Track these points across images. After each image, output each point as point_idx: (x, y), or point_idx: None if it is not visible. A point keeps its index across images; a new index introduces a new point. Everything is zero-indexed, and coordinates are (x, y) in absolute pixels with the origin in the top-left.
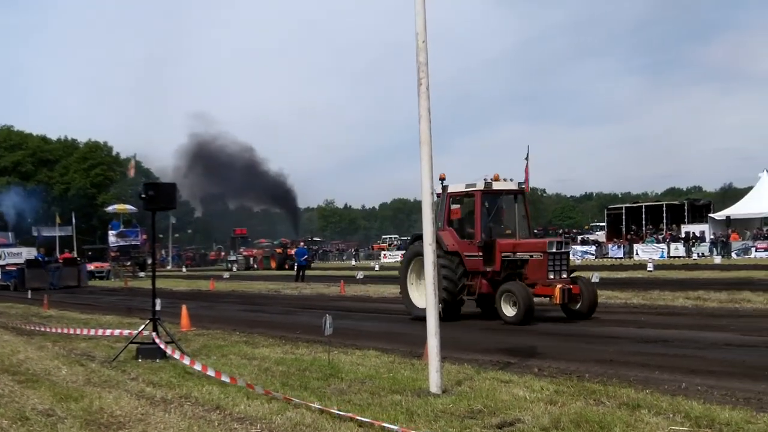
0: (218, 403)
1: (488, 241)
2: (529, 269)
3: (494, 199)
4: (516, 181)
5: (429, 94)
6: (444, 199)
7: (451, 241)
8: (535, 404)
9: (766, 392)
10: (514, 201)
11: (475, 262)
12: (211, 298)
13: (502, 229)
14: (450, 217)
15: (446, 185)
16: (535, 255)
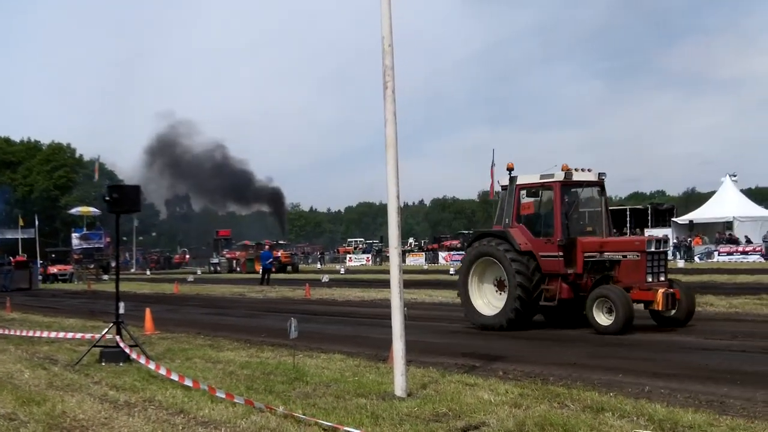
0: (182, 407)
1: (570, 240)
2: (621, 271)
3: (572, 192)
4: (595, 171)
5: (395, 98)
6: (512, 192)
7: (524, 239)
8: (499, 407)
9: (728, 395)
10: (592, 194)
11: (552, 263)
12: (176, 301)
13: (581, 226)
14: (519, 212)
15: (514, 176)
16: (629, 255)
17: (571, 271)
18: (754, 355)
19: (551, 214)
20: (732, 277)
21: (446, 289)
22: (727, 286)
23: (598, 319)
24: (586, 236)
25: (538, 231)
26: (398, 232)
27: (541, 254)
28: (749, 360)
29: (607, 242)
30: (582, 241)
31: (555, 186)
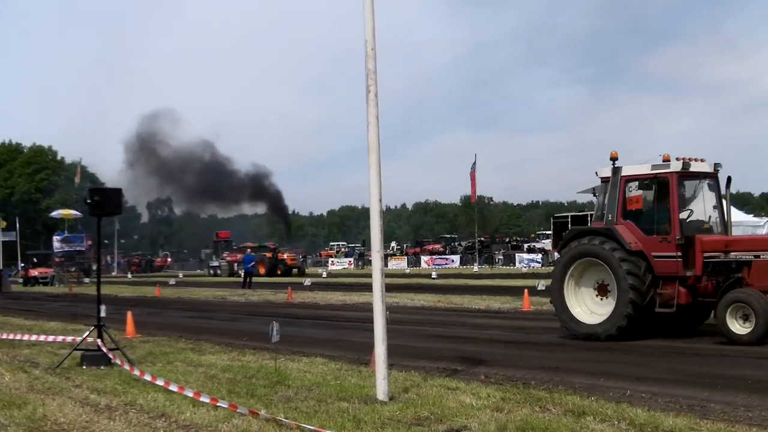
0: (163, 410)
1: (688, 238)
2: (754, 274)
3: (687, 185)
4: (710, 162)
5: (378, 102)
6: (616, 185)
7: (633, 237)
8: (481, 411)
9: (709, 399)
10: (708, 187)
11: (667, 264)
12: (157, 304)
13: (699, 223)
14: (626, 207)
15: (619, 166)
16: (763, 255)
17: (690, 274)
18: (736, 359)
19: (665, 209)
20: None
21: (428, 293)
22: None
23: (732, 328)
24: (704, 234)
25: (650, 228)
26: (380, 236)
27: (654, 254)
28: (730, 364)
29: (734, 241)
30: (702, 240)
31: (671, 177)
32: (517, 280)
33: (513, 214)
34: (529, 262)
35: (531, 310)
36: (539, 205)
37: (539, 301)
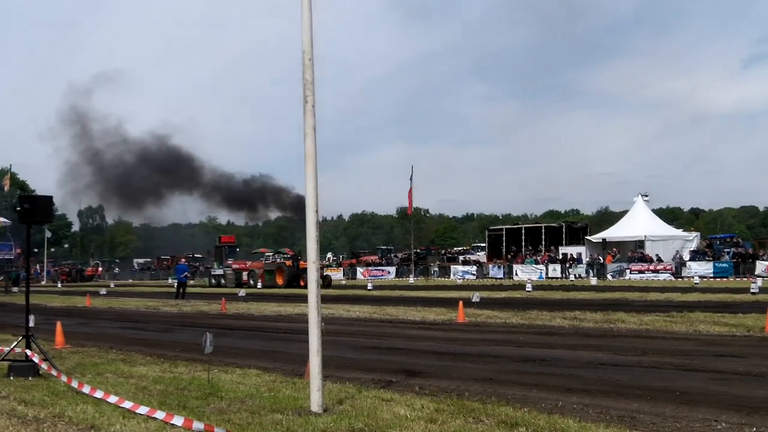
0: (93, 422)
1: None
2: None
3: None
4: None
5: (315, 112)
6: None
7: None
8: (415, 422)
9: (639, 410)
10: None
11: None
12: (88, 314)
13: None
14: None
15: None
16: None
17: None
18: (664, 372)
19: None
20: (643, 294)
21: (364, 305)
22: (638, 303)
23: None
24: None
25: None
26: (316, 247)
27: None
28: (659, 376)
29: None
30: None
31: None
32: (452, 292)
33: (449, 226)
34: (464, 274)
35: (465, 322)
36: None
37: (474, 313)
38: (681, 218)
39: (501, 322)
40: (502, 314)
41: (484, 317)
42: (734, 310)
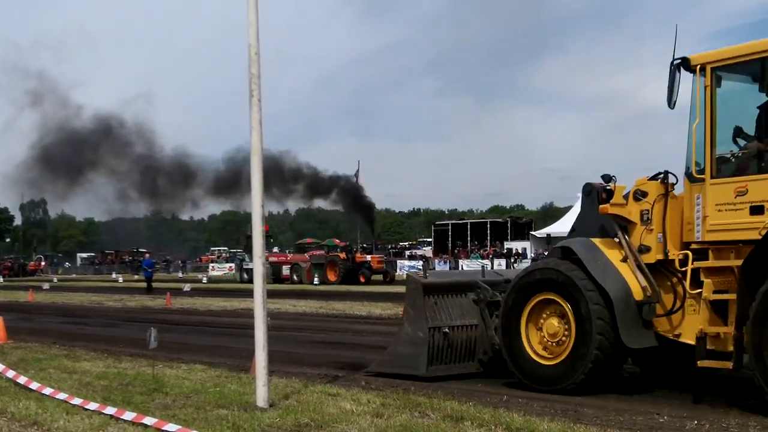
0: (36, 418)
1: None
2: None
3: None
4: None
5: (261, 106)
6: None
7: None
8: (361, 417)
9: (582, 404)
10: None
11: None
12: (30, 309)
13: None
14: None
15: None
16: None
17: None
18: None
19: None
20: None
21: (310, 299)
22: None
23: None
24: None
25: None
26: (262, 241)
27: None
28: None
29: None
30: None
31: None
32: (398, 287)
33: (395, 221)
34: (410, 269)
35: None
36: (420, 212)
37: None
38: None
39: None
40: None
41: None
42: None
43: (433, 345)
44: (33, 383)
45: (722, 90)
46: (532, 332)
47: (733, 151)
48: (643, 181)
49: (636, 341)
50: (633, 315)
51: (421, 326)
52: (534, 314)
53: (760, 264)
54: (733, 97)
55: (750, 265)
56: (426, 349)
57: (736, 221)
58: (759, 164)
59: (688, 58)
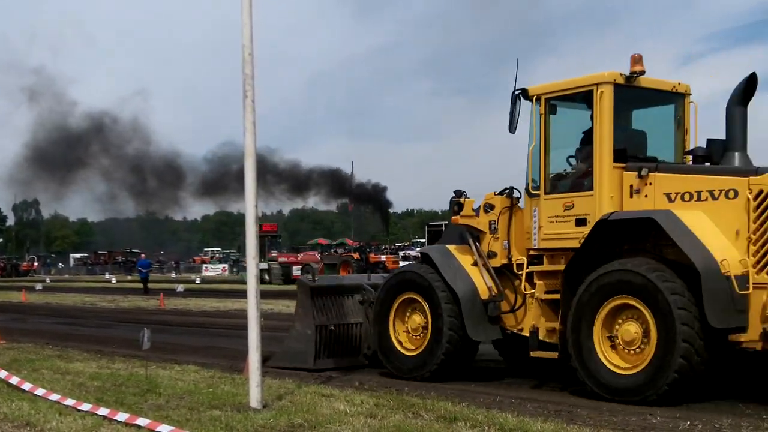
0: (29, 419)
1: None
2: None
3: None
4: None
5: (255, 107)
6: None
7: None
8: (355, 418)
9: (576, 405)
10: None
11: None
12: (23, 310)
13: None
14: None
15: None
16: None
17: None
18: None
19: None
20: None
21: None
22: None
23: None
24: None
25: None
26: (256, 242)
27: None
28: None
29: None
30: None
31: None
32: None
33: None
34: None
35: None
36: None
37: None
38: None
39: None
40: None
41: None
42: None
43: (320, 341)
44: (26, 384)
45: (555, 117)
46: (399, 327)
47: (564, 170)
48: (491, 195)
49: (481, 335)
50: (479, 312)
51: (309, 324)
52: (400, 311)
53: (579, 268)
54: (564, 124)
55: (571, 269)
56: (313, 345)
57: (564, 231)
58: (583, 183)
59: (527, 89)
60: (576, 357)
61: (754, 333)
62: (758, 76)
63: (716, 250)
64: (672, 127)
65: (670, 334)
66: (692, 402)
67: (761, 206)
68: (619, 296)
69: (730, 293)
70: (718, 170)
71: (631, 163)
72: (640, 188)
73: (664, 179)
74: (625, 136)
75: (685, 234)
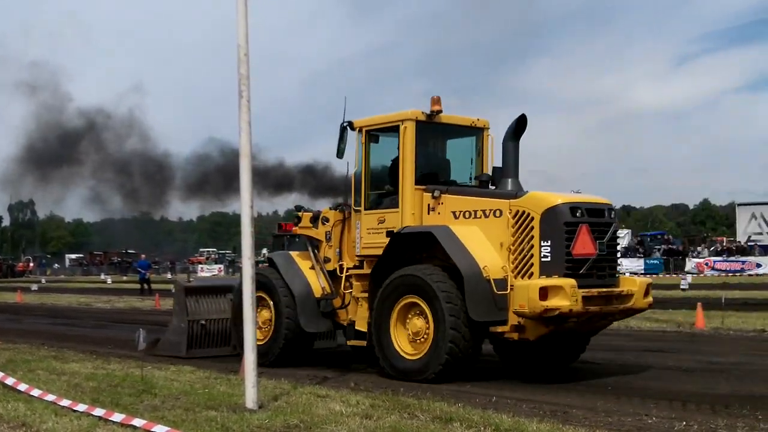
0: (24, 420)
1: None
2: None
3: None
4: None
5: (250, 107)
6: None
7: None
8: (350, 419)
9: (571, 405)
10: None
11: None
12: (19, 310)
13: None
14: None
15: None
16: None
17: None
18: (596, 366)
19: None
20: None
21: None
22: None
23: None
24: None
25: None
26: (251, 242)
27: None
28: (591, 371)
29: None
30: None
31: None
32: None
33: None
34: None
35: None
36: None
37: None
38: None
39: None
40: None
41: None
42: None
43: (192, 334)
44: (21, 384)
45: (375, 146)
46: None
47: (379, 191)
48: (327, 210)
49: (313, 326)
50: (312, 307)
51: (183, 319)
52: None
53: (383, 272)
54: (382, 152)
55: (376, 273)
56: (186, 337)
57: (378, 241)
58: (392, 201)
59: (352, 122)
60: (377, 345)
61: (510, 326)
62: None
63: (481, 258)
64: (472, 156)
65: (441, 324)
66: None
67: (518, 223)
68: (408, 295)
69: (490, 293)
70: (488, 193)
71: (429, 186)
72: (435, 207)
73: (452, 200)
74: (429, 163)
75: (456, 245)
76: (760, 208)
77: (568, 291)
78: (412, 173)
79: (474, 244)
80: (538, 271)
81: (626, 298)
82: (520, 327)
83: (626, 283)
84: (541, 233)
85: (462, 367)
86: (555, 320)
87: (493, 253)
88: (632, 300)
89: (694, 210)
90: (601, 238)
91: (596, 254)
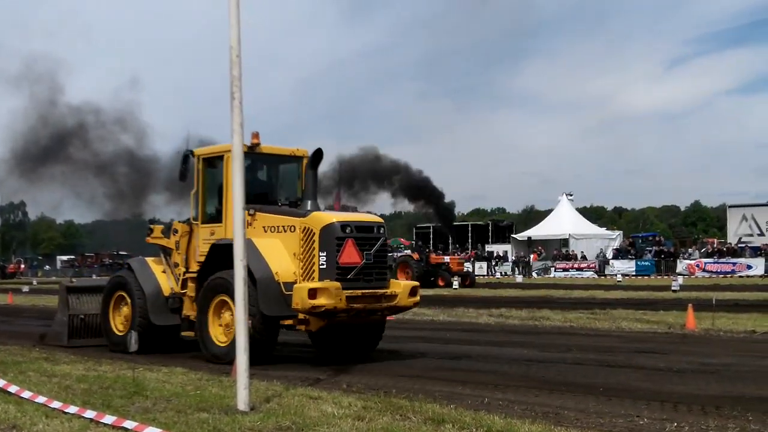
0: (15, 422)
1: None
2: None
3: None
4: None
5: (242, 109)
6: None
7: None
8: (343, 420)
9: (563, 406)
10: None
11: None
12: (10, 312)
13: None
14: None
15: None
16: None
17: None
18: (587, 368)
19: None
20: (567, 292)
21: None
22: (562, 300)
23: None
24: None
25: None
26: (243, 244)
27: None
28: (582, 372)
29: None
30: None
31: None
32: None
33: None
34: None
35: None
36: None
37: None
38: (604, 217)
39: (428, 319)
40: (428, 311)
41: (410, 314)
42: (656, 307)
43: (72, 326)
44: (12, 386)
45: (211, 171)
46: (115, 315)
47: (211, 209)
48: (177, 223)
49: (161, 320)
50: (162, 304)
51: (65, 314)
52: (115, 304)
53: (205, 275)
54: (215, 177)
55: (201, 276)
56: (67, 329)
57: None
58: (219, 217)
59: (193, 151)
60: (200, 334)
61: (296, 320)
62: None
63: (275, 265)
64: (296, 180)
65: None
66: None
67: (305, 237)
68: (220, 294)
69: (280, 293)
70: (288, 212)
71: (247, 205)
72: (251, 222)
73: (263, 217)
74: (255, 186)
75: (255, 254)
76: (751, 210)
77: (333, 292)
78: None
79: (271, 254)
80: (317, 276)
81: (391, 297)
82: (305, 321)
83: (393, 286)
84: (320, 246)
85: (260, 353)
86: (325, 315)
87: (287, 261)
88: (397, 299)
89: (685, 211)
90: (368, 250)
91: (362, 263)
